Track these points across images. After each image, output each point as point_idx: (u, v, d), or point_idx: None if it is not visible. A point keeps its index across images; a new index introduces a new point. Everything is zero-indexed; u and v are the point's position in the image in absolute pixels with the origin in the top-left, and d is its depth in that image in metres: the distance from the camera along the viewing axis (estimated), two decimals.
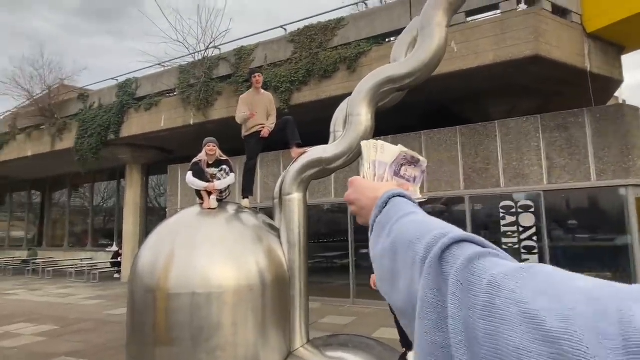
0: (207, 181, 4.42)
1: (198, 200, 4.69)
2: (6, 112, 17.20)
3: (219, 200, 4.48)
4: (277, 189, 4.92)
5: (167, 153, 14.75)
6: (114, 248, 16.30)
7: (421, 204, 0.66)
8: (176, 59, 12.00)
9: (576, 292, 0.34)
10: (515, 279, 0.38)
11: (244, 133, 4.91)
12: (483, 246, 0.46)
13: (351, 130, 4.42)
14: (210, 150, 4.48)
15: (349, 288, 8.76)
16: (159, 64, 12.48)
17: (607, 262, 6.82)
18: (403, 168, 0.80)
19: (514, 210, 7.21)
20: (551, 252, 6.92)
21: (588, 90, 9.18)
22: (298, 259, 4.44)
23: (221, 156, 4.59)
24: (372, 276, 4.00)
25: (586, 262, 6.86)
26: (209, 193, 4.41)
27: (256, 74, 4.83)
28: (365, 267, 8.54)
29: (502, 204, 7.30)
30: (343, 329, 6.59)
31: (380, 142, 0.81)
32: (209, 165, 4.52)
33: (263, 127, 4.81)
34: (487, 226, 7.51)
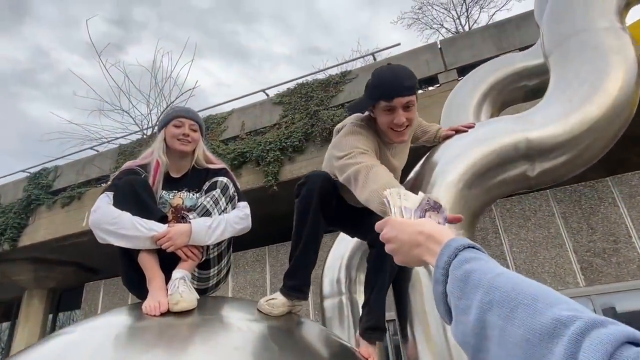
0: (162, 219, 1.35)
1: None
2: None
3: (201, 292, 1.39)
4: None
5: (89, 272, 10.83)
6: None
7: None
8: (117, 138, 9.31)
9: None
10: None
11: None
12: None
13: (593, 60, 1.67)
14: (183, 134, 1.53)
15: None
16: (90, 147, 9.65)
17: None
18: (427, 214, 0.82)
19: None
20: None
21: None
22: None
23: (209, 161, 1.61)
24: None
25: None
26: (169, 259, 1.31)
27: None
28: None
29: None
30: None
31: (403, 191, 0.85)
32: (170, 181, 1.50)
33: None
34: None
